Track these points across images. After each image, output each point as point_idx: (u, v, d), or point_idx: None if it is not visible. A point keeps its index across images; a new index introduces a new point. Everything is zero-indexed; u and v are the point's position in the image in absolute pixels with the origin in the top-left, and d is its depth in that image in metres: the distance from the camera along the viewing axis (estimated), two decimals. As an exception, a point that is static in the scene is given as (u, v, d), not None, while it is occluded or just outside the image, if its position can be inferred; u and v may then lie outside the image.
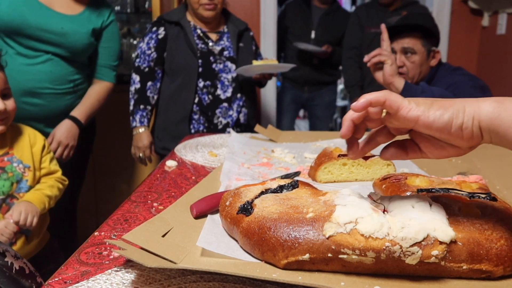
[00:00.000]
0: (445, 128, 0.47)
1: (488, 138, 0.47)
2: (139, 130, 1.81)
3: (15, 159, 1.21)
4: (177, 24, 1.80)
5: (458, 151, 0.50)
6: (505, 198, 0.80)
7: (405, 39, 1.57)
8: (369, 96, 0.49)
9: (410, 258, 0.48)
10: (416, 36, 1.57)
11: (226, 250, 0.57)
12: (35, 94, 1.52)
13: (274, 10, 2.81)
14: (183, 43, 1.78)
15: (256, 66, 1.73)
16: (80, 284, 0.53)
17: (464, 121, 0.46)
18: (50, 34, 1.50)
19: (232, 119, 1.84)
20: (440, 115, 0.47)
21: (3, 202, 1.17)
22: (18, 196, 1.20)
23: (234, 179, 0.89)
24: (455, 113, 0.47)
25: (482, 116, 0.46)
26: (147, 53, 1.80)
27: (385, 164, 0.93)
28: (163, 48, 1.80)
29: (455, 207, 0.58)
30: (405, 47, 1.57)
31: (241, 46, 1.87)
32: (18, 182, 1.20)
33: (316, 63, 2.79)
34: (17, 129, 1.28)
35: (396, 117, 0.49)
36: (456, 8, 2.79)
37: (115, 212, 0.77)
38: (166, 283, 0.52)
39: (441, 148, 0.51)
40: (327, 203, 0.56)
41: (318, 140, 1.31)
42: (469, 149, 0.50)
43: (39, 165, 1.28)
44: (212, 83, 1.79)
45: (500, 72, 2.57)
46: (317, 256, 0.50)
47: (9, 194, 1.18)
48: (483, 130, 0.46)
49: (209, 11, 1.75)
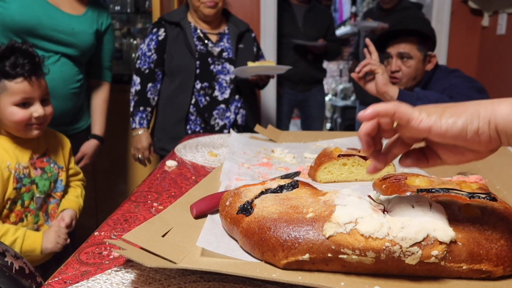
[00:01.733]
0: (460, 135, 0.45)
1: (506, 140, 0.45)
2: (138, 132, 1.82)
3: (51, 160, 1.28)
4: (177, 25, 1.80)
5: (478, 156, 0.48)
6: (505, 198, 0.80)
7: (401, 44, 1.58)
8: (377, 108, 0.48)
9: (410, 258, 0.48)
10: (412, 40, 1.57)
11: (226, 250, 0.57)
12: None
13: (274, 10, 2.82)
14: (181, 44, 1.78)
15: (251, 68, 1.72)
16: (80, 284, 0.53)
17: (480, 126, 0.44)
18: (61, 34, 1.52)
19: (230, 120, 1.84)
20: (453, 123, 0.45)
21: (43, 201, 1.24)
22: (55, 196, 1.29)
23: (234, 179, 0.89)
24: (469, 118, 0.45)
25: (498, 119, 0.44)
26: (148, 54, 1.80)
27: (385, 164, 0.93)
28: (163, 50, 1.80)
29: (455, 207, 0.58)
30: (401, 52, 1.57)
31: (241, 48, 1.87)
32: (55, 182, 1.28)
33: (310, 59, 2.88)
34: (48, 131, 1.32)
35: (408, 128, 0.47)
36: (456, 8, 2.79)
37: (115, 212, 0.77)
38: (166, 283, 0.52)
39: (460, 154, 0.48)
40: (327, 203, 0.56)
41: (318, 140, 1.31)
42: (489, 152, 0.48)
43: (68, 166, 1.35)
44: (209, 85, 1.79)
45: (500, 72, 2.57)
46: (317, 256, 0.50)
47: (47, 193, 1.25)
48: (500, 133, 0.44)
49: (210, 8, 1.75)
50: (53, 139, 1.32)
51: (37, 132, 1.19)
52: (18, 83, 1.12)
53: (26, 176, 1.18)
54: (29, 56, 1.14)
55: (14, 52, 1.12)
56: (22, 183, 1.17)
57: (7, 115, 1.14)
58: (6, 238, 1.09)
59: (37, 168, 1.22)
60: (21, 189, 1.17)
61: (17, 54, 1.12)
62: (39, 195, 1.22)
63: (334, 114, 5.61)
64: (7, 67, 1.10)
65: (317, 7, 2.94)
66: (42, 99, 1.19)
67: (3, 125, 1.18)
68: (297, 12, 2.89)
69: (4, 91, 1.12)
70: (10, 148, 1.18)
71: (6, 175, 1.13)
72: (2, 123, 1.18)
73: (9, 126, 1.17)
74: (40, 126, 1.20)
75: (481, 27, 2.80)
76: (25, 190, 1.18)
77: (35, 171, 1.22)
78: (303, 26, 2.87)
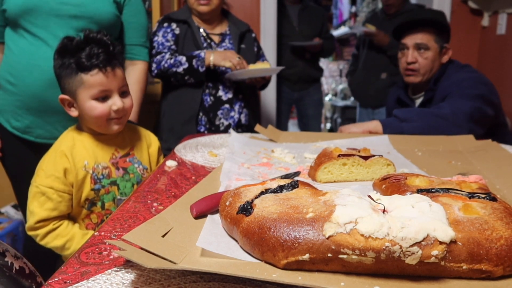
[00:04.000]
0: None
1: None
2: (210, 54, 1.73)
3: (136, 160, 1.21)
4: (184, 23, 1.80)
5: None
6: (504, 197, 0.80)
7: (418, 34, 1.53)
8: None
9: (410, 258, 0.48)
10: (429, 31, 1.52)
11: (226, 250, 0.57)
12: None
13: (274, 11, 2.82)
14: (190, 42, 1.78)
15: (246, 71, 1.72)
16: (80, 284, 0.53)
17: None
18: (68, 6, 1.37)
19: (234, 120, 1.84)
20: None
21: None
22: None
23: (234, 179, 0.89)
24: None
25: None
26: (166, 45, 1.76)
27: (385, 164, 0.93)
28: (177, 44, 1.79)
29: (455, 207, 0.58)
30: (418, 43, 1.53)
31: (243, 48, 1.87)
32: (138, 184, 1.18)
33: (308, 58, 2.90)
34: (133, 129, 1.27)
35: None
36: (456, 8, 2.79)
37: (115, 212, 0.77)
38: (166, 283, 0.52)
39: None
40: (327, 203, 0.56)
41: (318, 140, 1.31)
42: None
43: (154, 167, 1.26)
44: (213, 85, 1.79)
45: (500, 72, 2.57)
46: (317, 256, 0.50)
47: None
48: None
49: (203, 6, 1.75)
50: (139, 137, 1.25)
51: (117, 127, 1.13)
52: (94, 75, 1.06)
53: (105, 177, 1.13)
54: (104, 45, 1.07)
55: (89, 42, 1.06)
56: (101, 184, 1.12)
57: (87, 110, 1.08)
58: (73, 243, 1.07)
59: (119, 168, 1.16)
60: (100, 190, 1.12)
61: (92, 45, 1.06)
62: (121, 197, 1.15)
63: (334, 114, 5.61)
64: (83, 59, 1.04)
65: (310, 6, 2.97)
66: (121, 91, 1.12)
67: (85, 121, 1.13)
68: (291, 12, 2.92)
69: (81, 85, 1.06)
70: (90, 146, 1.13)
71: (82, 175, 1.09)
72: (84, 120, 1.13)
73: (91, 122, 1.11)
74: (120, 120, 1.13)
75: (481, 27, 2.80)
76: (104, 192, 1.12)
77: (117, 172, 1.15)
78: (298, 25, 2.90)
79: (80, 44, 1.06)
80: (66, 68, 1.07)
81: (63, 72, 1.08)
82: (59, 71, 1.10)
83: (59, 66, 1.09)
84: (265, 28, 2.84)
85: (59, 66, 1.09)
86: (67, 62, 1.07)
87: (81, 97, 1.08)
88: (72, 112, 1.12)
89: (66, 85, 1.09)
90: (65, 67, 1.07)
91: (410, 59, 1.55)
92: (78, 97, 1.08)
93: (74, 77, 1.07)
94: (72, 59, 1.06)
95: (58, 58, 1.09)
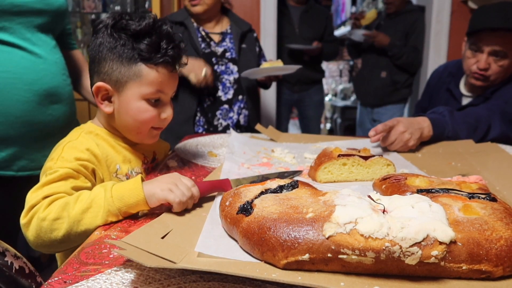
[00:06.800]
0: None
1: None
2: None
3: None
4: (181, 25, 1.80)
5: None
6: (504, 198, 0.80)
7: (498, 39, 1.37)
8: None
9: (409, 258, 0.48)
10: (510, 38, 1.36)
11: (226, 252, 0.57)
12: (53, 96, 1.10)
13: (274, 11, 2.82)
14: (187, 44, 1.78)
15: (262, 69, 1.73)
16: (80, 284, 0.53)
17: None
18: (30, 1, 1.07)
19: (233, 121, 1.83)
20: None
21: None
22: None
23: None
24: None
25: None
26: None
27: (385, 164, 0.93)
28: None
29: (455, 208, 0.58)
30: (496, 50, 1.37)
31: (244, 48, 1.86)
32: None
33: (307, 60, 2.87)
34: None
35: None
36: (456, 8, 2.79)
37: (115, 212, 0.77)
38: (166, 283, 0.52)
39: None
40: (327, 203, 0.56)
41: (318, 142, 1.31)
42: None
43: None
44: (213, 85, 1.79)
45: (500, 72, 2.57)
46: (316, 256, 0.50)
47: None
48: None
49: (195, 6, 1.74)
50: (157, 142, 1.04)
51: (154, 139, 0.96)
52: (159, 71, 0.87)
53: None
54: (173, 40, 0.89)
55: (155, 31, 0.88)
56: None
57: (133, 110, 0.88)
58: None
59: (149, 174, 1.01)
60: None
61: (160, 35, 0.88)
62: None
63: (334, 114, 5.61)
64: (152, 47, 0.86)
65: (315, 7, 2.92)
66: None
67: (119, 121, 0.91)
68: (293, 14, 2.89)
69: (138, 77, 0.86)
70: (121, 149, 0.94)
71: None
72: (119, 119, 0.90)
73: (128, 125, 0.90)
74: (159, 131, 0.96)
75: (481, 28, 2.79)
76: None
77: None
78: (299, 27, 2.86)
79: (145, 29, 0.87)
80: (121, 50, 0.86)
81: (111, 53, 0.86)
82: (104, 50, 0.87)
83: (107, 43, 0.86)
84: (265, 29, 2.84)
85: (107, 43, 0.86)
86: (128, 43, 0.86)
87: (130, 92, 0.87)
88: (105, 107, 0.90)
89: (111, 71, 0.87)
90: (120, 49, 0.86)
91: (483, 65, 1.39)
92: (125, 91, 0.87)
93: (131, 65, 0.86)
94: (136, 43, 0.86)
95: (108, 35, 0.87)
